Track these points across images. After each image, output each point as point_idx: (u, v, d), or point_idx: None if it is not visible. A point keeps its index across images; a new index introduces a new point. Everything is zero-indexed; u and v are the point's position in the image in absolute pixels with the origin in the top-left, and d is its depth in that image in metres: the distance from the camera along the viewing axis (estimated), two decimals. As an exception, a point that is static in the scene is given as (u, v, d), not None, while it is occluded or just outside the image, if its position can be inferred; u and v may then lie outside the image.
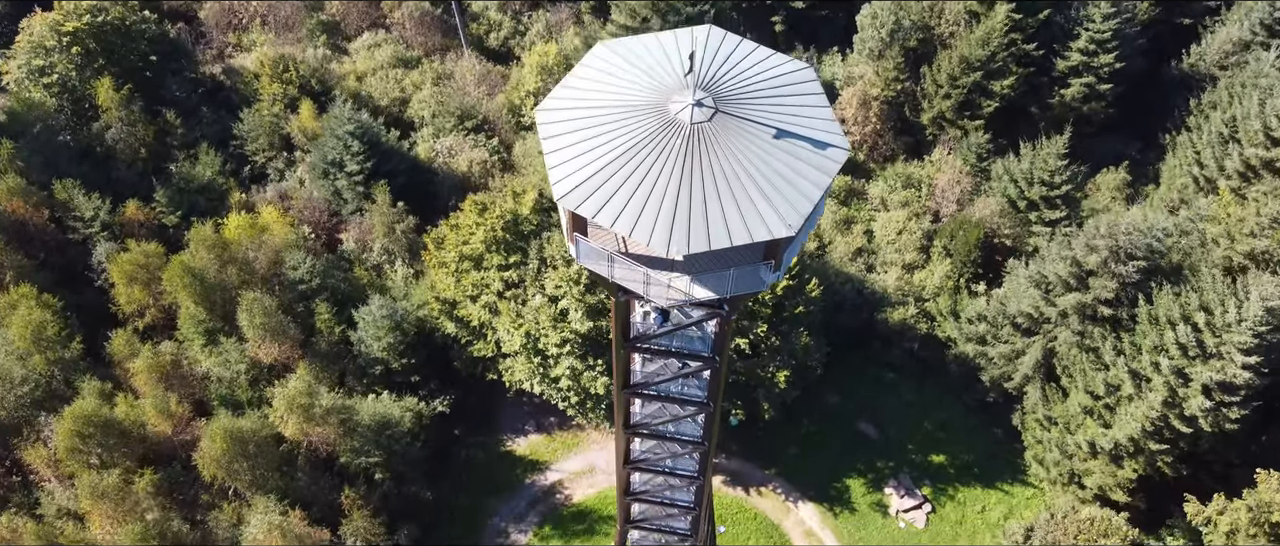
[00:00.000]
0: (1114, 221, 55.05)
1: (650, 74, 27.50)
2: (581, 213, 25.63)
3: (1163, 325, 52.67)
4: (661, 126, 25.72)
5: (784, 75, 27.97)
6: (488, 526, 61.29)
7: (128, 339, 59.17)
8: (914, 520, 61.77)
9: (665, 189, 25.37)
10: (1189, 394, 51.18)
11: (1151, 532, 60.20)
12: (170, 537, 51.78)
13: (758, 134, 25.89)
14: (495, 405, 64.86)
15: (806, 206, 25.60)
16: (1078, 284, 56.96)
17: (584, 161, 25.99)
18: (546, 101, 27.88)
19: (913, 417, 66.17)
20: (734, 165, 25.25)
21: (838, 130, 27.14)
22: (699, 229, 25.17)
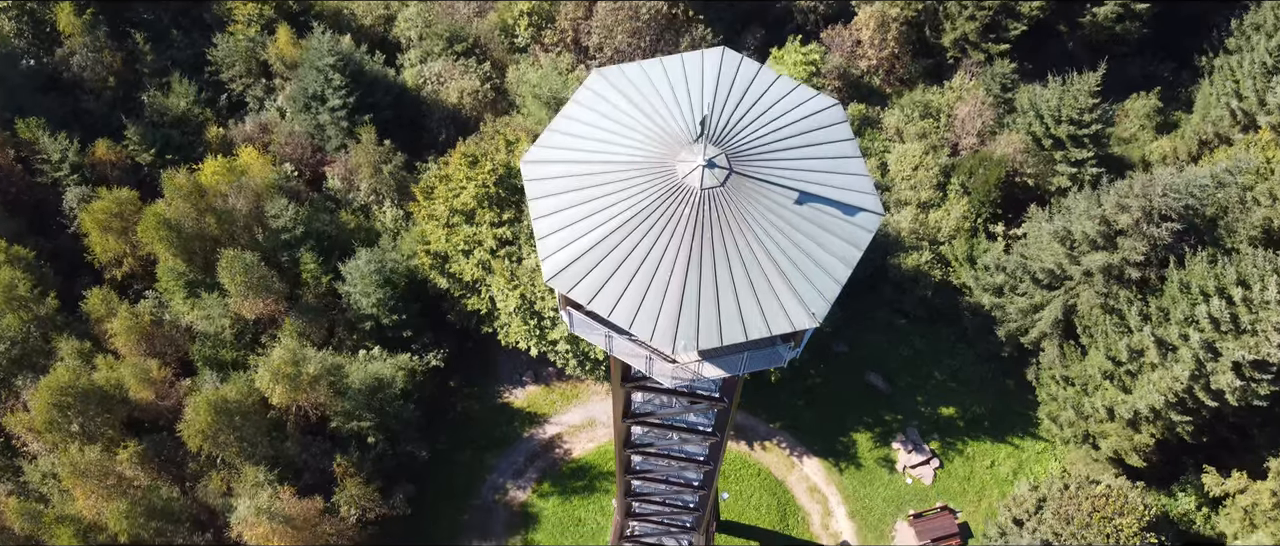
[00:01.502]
0: (1149, 180, 51.31)
1: (653, 119, 23.69)
2: (574, 297, 22.38)
3: (1195, 296, 49.73)
4: (667, 192, 22.14)
5: (807, 118, 24.13)
6: (486, 482, 60.02)
7: (104, 297, 56.39)
8: (921, 476, 60.41)
9: (671, 272, 22.02)
10: (1218, 369, 48.66)
11: (1163, 489, 59.07)
12: (159, 507, 50.33)
13: (778, 199, 22.34)
14: (491, 355, 62.65)
15: (834, 290, 22.31)
16: (1105, 243, 53.69)
17: (576, 232, 22.53)
18: (533, 151, 24.20)
19: (923, 368, 64.02)
20: (751, 240, 21.84)
21: (869, 184, 23.60)
22: (710, 323, 21.97)
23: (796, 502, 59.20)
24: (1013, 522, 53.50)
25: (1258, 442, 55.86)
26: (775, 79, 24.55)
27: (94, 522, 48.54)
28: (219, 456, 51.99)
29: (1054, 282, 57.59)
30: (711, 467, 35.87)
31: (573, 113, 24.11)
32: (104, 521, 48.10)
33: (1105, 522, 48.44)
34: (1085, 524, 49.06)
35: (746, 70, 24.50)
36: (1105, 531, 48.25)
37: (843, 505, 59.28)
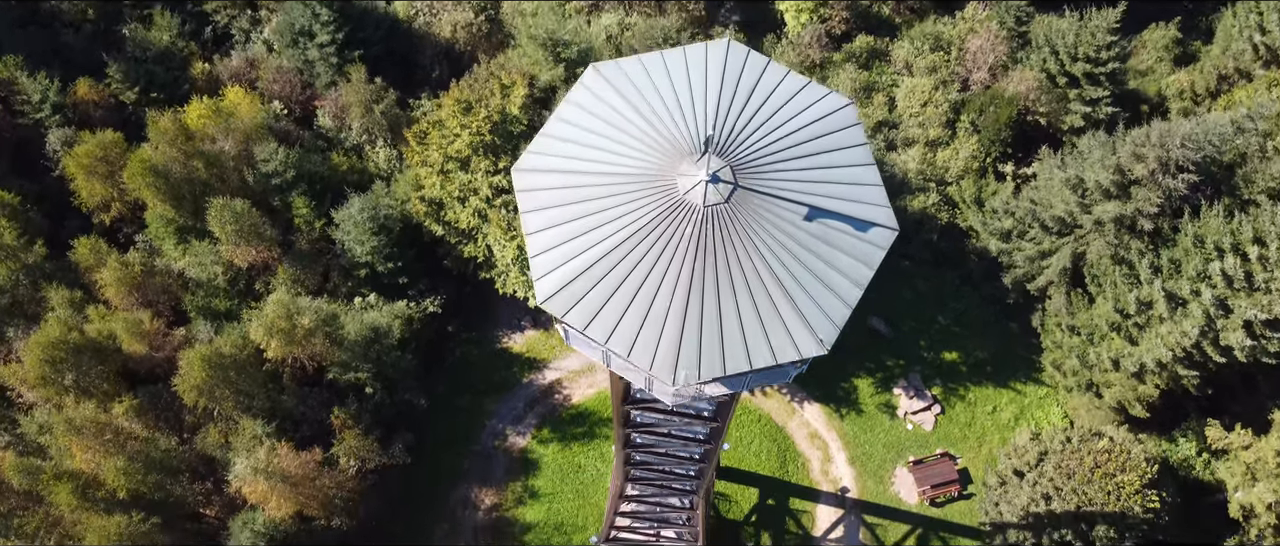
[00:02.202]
0: (1167, 129, 49.48)
1: (653, 124, 22.12)
2: (568, 322, 21.27)
3: (1209, 251, 48.52)
4: (668, 208, 20.76)
5: (818, 121, 22.55)
6: (485, 428, 59.85)
7: (93, 246, 55.11)
8: (922, 422, 60.20)
9: (671, 297, 20.81)
10: (1228, 326, 47.78)
11: (1164, 434, 58.94)
12: (157, 460, 50.13)
13: (785, 215, 20.96)
14: (489, 300, 61.71)
15: (844, 315, 21.13)
16: (1118, 192, 52.18)
17: (571, 251, 21.23)
18: (525, 158, 22.70)
19: (927, 312, 63.20)
20: (756, 261, 20.57)
21: (883, 196, 22.20)
22: (712, 352, 20.84)
23: (796, 448, 59.14)
24: (1014, 473, 53.43)
25: (1263, 391, 55.48)
26: (784, 75, 22.89)
27: (93, 478, 48.33)
28: (216, 409, 51.53)
29: (1063, 230, 56.27)
30: (712, 446, 35.26)
31: (568, 115, 22.55)
32: (103, 477, 47.86)
33: (1107, 479, 48.26)
34: (1087, 479, 48.91)
35: (753, 66, 22.82)
36: (1106, 489, 48.10)
37: (843, 451, 59.21)
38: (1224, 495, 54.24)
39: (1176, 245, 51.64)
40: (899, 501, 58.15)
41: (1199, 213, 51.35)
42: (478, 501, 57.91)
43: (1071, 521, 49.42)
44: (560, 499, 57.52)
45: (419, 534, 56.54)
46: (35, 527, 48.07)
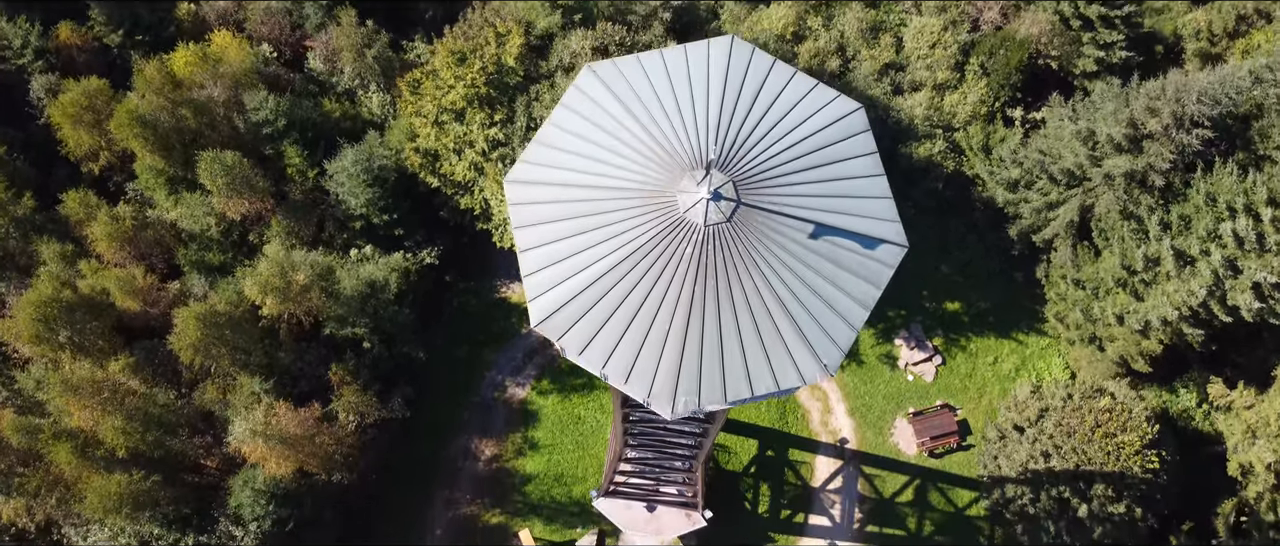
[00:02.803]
0: (1183, 83, 47.96)
1: (651, 132, 21.01)
2: (563, 346, 20.54)
3: (1221, 210, 47.52)
4: (667, 227, 19.84)
5: (826, 129, 21.43)
6: (484, 379, 59.69)
7: (82, 199, 54.02)
8: (923, 373, 60.00)
9: (670, 322, 20.02)
10: (1237, 287, 47.10)
11: (1165, 385, 58.82)
12: (156, 416, 50.00)
13: (790, 234, 20.06)
14: (487, 250, 60.82)
15: (849, 338, 20.40)
16: (1130, 146, 50.88)
17: (565, 272, 20.37)
18: (517, 168, 21.66)
19: (930, 261, 62.40)
20: (759, 283, 19.73)
21: (892, 210, 21.24)
22: (712, 379, 20.16)
23: (796, 399, 59.04)
24: (1013, 428, 53.39)
25: (1267, 345, 55.04)
26: (790, 77, 21.70)
27: (92, 436, 48.23)
28: (213, 366, 51.18)
29: (1072, 182, 55.12)
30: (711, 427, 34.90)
31: (562, 121, 21.44)
32: (101, 435, 47.74)
33: (1107, 440, 48.18)
34: (1087, 439, 48.84)
35: (757, 67, 21.60)
36: (1106, 449, 48.04)
37: (843, 402, 59.15)
38: (1223, 447, 54.41)
39: (1187, 200, 50.62)
40: (898, 452, 58.31)
41: (1212, 167, 50.20)
42: (478, 452, 58.10)
43: (1070, 479, 49.53)
44: (560, 450, 57.67)
45: (419, 485, 56.85)
46: (36, 486, 48.16)
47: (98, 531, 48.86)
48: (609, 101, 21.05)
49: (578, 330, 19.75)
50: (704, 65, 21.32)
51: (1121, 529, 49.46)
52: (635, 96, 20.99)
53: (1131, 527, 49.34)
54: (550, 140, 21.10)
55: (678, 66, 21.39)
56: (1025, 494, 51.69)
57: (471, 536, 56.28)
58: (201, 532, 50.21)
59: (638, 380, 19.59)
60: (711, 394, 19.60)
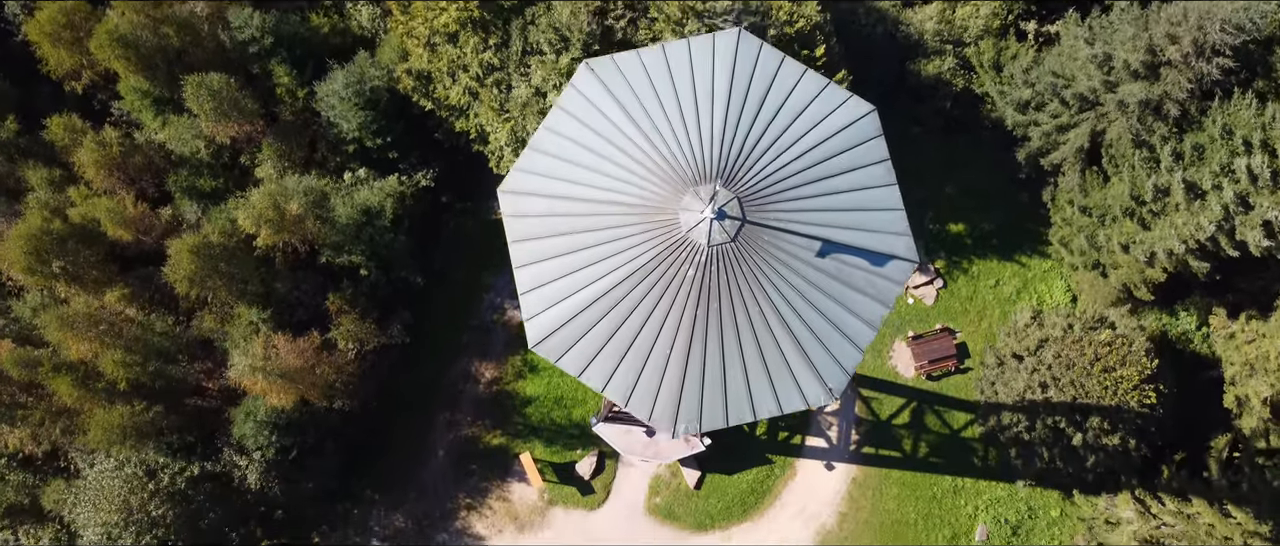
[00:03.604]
0: (1206, 10, 45.91)
1: (652, 140, 19.91)
2: (563, 367, 20.00)
3: (1236, 144, 46.22)
4: (668, 247, 19.04)
5: (836, 135, 20.35)
6: (484, 302, 59.50)
7: (67, 124, 52.53)
8: (923, 296, 59.72)
9: (671, 346, 19.41)
10: (1247, 223, 46.26)
11: (1165, 308, 58.67)
12: (155, 345, 50.00)
13: (797, 251, 19.28)
14: (483, 170, 59.33)
15: (855, 359, 19.89)
16: (1147, 73, 49.15)
17: (562, 290, 19.69)
18: (512, 177, 20.70)
19: (935, 181, 61.30)
20: (764, 306, 19.06)
21: (903, 222, 20.43)
22: (714, 404, 19.67)
23: (796, 323, 58.84)
24: (1013, 357, 53.45)
25: (1271, 271, 54.54)
26: (800, 76, 20.46)
27: (92, 368, 48.28)
28: (209, 296, 50.82)
29: (1084, 106, 53.54)
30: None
31: (558, 125, 20.33)
32: (102, 367, 47.78)
33: (1106, 374, 48.24)
34: (1085, 372, 48.92)
35: (765, 65, 20.33)
36: (1105, 383, 48.16)
37: (842, 326, 58.97)
38: (1219, 372, 54.66)
39: (1202, 130, 49.23)
40: (896, 375, 58.61)
41: (1231, 96, 48.61)
42: (477, 375, 58.38)
43: (1066, 411, 49.84)
44: (559, 373, 57.79)
45: (420, 409, 57.36)
46: (40, 417, 48.49)
47: (104, 460, 49.41)
48: (607, 104, 19.92)
49: (576, 352, 19.22)
50: (708, 63, 20.07)
51: (1115, 458, 50.11)
52: (635, 99, 19.84)
53: (1125, 457, 49.97)
54: (546, 146, 20.06)
55: (681, 64, 20.14)
56: (1021, 421, 52.12)
57: (473, 458, 57.13)
58: (206, 460, 50.87)
59: (639, 403, 19.17)
60: (713, 418, 19.22)
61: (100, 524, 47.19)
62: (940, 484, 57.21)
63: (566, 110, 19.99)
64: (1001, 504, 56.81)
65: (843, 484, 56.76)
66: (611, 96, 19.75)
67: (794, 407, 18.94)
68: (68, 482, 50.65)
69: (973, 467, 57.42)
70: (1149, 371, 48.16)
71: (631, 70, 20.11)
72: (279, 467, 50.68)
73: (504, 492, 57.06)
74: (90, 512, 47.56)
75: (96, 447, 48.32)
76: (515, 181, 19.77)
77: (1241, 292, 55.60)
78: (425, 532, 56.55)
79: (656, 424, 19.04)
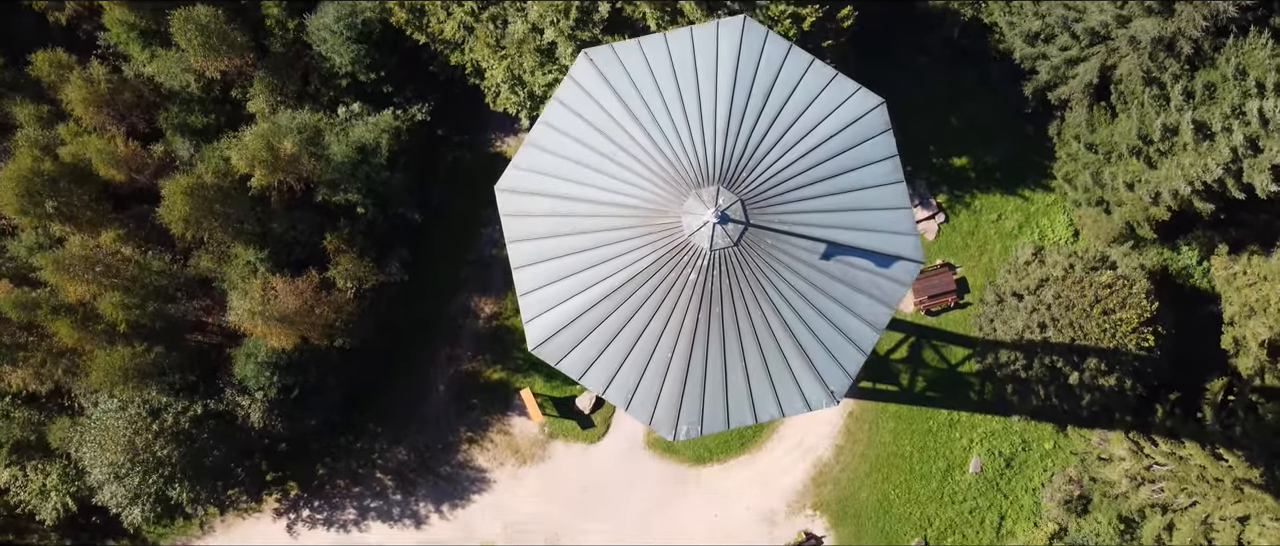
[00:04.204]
0: (1226, -56, 44.40)
1: (654, 138, 19.30)
2: (563, 370, 19.80)
3: (1249, 86, 45.22)
4: (670, 251, 18.65)
5: (843, 131, 19.74)
6: (482, 236, 59.19)
7: (52, 59, 51.24)
8: (925, 231, 59.30)
9: (672, 350, 19.18)
10: (1255, 166, 45.61)
11: (1167, 242, 58.42)
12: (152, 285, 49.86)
13: (801, 254, 18.92)
14: (481, 102, 58.35)
15: (858, 362, 19.69)
16: (1161, 8, 47.75)
17: (562, 293, 19.37)
18: (509, 175, 20.17)
19: (940, 112, 60.22)
20: (766, 309, 18.77)
21: (910, 221, 20.01)
22: (716, 407, 19.54)
23: (796, 258, 58.65)
24: (1012, 295, 53.39)
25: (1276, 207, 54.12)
26: (807, 67, 19.75)
27: (91, 310, 48.23)
28: (206, 236, 50.43)
29: (1095, 40, 52.20)
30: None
31: (557, 120, 19.71)
32: (100, 309, 47.72)
33: (1105, 317, 48.24)
34: (1085, 314, 48.91)
35: (771, 56, 19.58)
36: (1104, 326, 48.21)
37: (842, 261, 58.80)
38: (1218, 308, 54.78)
39: (1215, 67, 48.13)
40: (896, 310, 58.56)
41: (1247, 33, 47.35)
42: (477, 310, 58.45)
43: (1064, 351, 50.05)
44: (559, 308, 57.85)
45: (421, 344, 57.60)
46: (41, 358, 48.64)
47: (107, 400, 49.79)
48: (608, 98, 19.27)
49: (577, 354, 19.04)
50: (712, 54, 19.33)
51: (1110, 397, 50.53)
52: (636, 93, 19.19)
53: (1121, 397, 50.37)
54: (544, 143, 19.49)
55: (683, 55, 19.40)
56: (1018, 359, 52.38)
57: (474, 392, 57.64)
58: (209, 398, 51.27)
59: (640, 406, 19.08)
60: (714, 421, 19.15)
61: (107, 463, 47.81)
62: (936, 417, 57.87)
63: (565, 104, 19.35)
64: (996, 436, 57.56)
65: (840, 418, 57.37)
66: (611, 90, 19.10)
67: (796, 411, 18.85)
68: (73, 420, 51.21)
69: (969, 401, 58.00)
70: (1148, 314, 48.15)
71: (632, 61, 19.40)
72: (281, 406, 51.15)
73: (505, 426, 57.74)
74: (96, 452, 48.13)
75: (99, 388, 48.59)
76: (513, 179, 19.26)
77: (1245, 227, 55.33)
78: (427, 464, 57.46)
79: (657, 427, 18.98)
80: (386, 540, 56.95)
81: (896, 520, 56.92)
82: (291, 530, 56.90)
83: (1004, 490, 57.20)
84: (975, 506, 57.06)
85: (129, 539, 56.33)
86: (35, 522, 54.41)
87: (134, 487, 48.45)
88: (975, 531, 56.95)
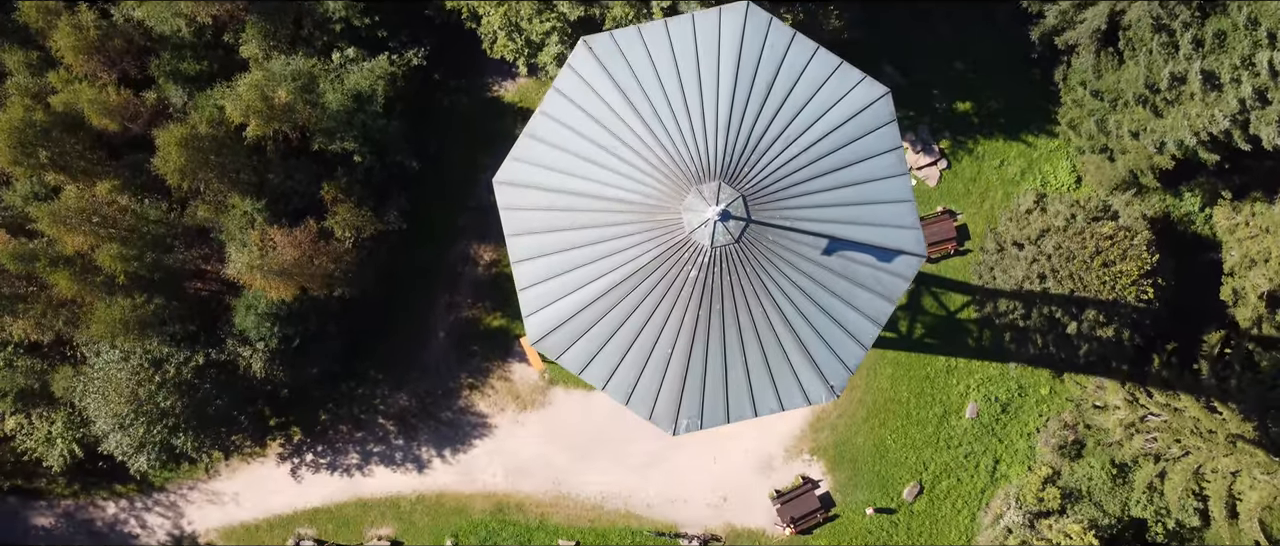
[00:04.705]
0: (1243, -112, 43.15)
1: (653, 130, 18.94)
2: (563, 364, 19.75)
3: (1260, 36, 44.39)
4: (671, 248, 18.46)
5: (848, 123, 19.36)
6: (480, 183, 58.61)
7: (39, 5, 50.08)
8: (927, 178, 58.86)
9: (672, 345, 19.11)
10: (1263, 118, 45.08)
11: (1170, 188, 58.09)
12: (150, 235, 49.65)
13: (802, 249, 18.73)
14: (477, 45, 57.36)
15: (858, 356, 19.67)
16: (1174, -46, 46.69)
17: (562, 288, 19.24)
18: (507, 167, 19.84)
19: (944, 56, 59.28)
20: (767, 305, 18.66)
21: (912, 214, 19.74)
22: (715, 402, 19.55)
23: (796, 204, 58.33)
24: (1013, 244, 53.27)
25: None
26: (812, 55, 19.29)
27: (90, 261, 48.09)
28: (202, 187, 50.03)
29: (1104, -16, 51.13)
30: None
31: (556, 110, 19.32)
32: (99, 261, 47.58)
33: (1105, 269, 48.20)
34: (1085, 265, 48.88)
35: (774, 43, 19.13)
36: (1104, 278, 48.20)
37: (843, 208, 58.48)
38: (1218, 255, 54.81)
39: (1227, 15, 47.19)
40: (895, 257, 58.49)
41: (1258, -18, 46.36)
42: (476, 257, 58.36)
43: (1063, 302, 50.15)
44: (559, 256, 57.75)
45: (421, 291, 57.66)
46: (41, 310, 48.68)
47: (109, 350, 49.98)
48: (607, 88, 18.87)
49: (577, 349, 19.01)
50: (714, 42, 18.85)
51: (1108, 347, 50.81)
52: (636, 84, 18.77)
53: (1118, 347, 50.65)
54: (542, 133, 19.14)
55: (685, 43, 18.92)
56: (1017, 309, 52.53)
57: (474, 340, 57.87)
58: (210, 347, 51.46)
59: (639, 401, 19.12)
60: (714, 416, 19.21)
61: (111, 414, 48.22)
62: (934, 364, 58.25)
63: (564, 93, 18.96)
64: (993, 382, 58.03)
65: (838, 364, 57.64)
66: (611, 80, 18.69)
67: (795, 405, 18.92)
68: (76, 369, 51.48)
69: (966, 348, 58.32)
70: (1148, 266, 48.12)
71: (632, 50, 18.94)
72: (283, 356, 51.32)
73: (505, 372, 58.13)
74: (100, 403, 48.50)
75: (100, 339, 48.74)
76: (511, 171, 18.98)
77: (1249, 173, 55.03)
78: (429, 410, 58.01)
79: (657, 422, 19.04)
80: (389, 484, 57.81)
81: (892, 464, 57.72)
82: (295, 474, 57.73)
83: (999, 435, 57.88)
84: (970, 451, 57.80)
85: (135, 484, 57.16)
86: (42, 468, 55.19)
87: (139, 437, 48.92)
88: (970, 475, 57.81)
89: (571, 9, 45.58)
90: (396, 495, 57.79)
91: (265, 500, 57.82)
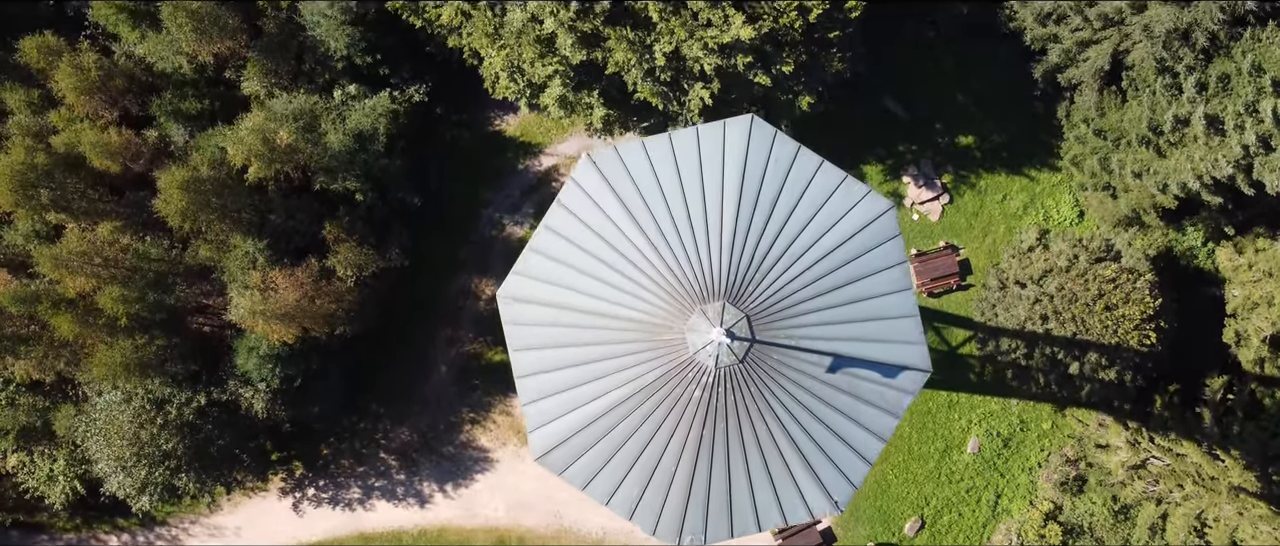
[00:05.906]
0: (1248, -64, 43.01)
1: (658, 248, 18.88)
2: (567, 481, 19.70)
3: (1264, 84, 44.25)
4: (675, 368, 18.41)
5: (853, 239, 19.29)
6: (481, 217, 58.66)
7: (40, 44, 50.00)
8: (929, 212, 58.82)
9: (676, 463, 19.05)
10: (1267, 164, 44.96)
11: (1173, 224, 57.98)
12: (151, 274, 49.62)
13: (806, 368, 18.66)
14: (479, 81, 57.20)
15: (862, 472, 19.60)
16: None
17: (566, 404, 19.20)
18: (511, 282, 19.77)
19: (947, 90, 59.10)
20: (771, 424, 18.60)
21: (917, 330, 19.68)
22: (719, 518, 19.50)
23: (799, 239, 58.26)
24: (1016, 283, 53.17)
25: None
26: (816, 169, 19.24)
27: (91, 304, 48.08)
28: (204, 227, 50.00)
29: (1108, 24, 50.93)
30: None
31: (560, 225, 19.27)
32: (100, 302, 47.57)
33: (1108, 313, 48.13)
34: (1088, 308, 48.79)
35: (779, 159, 19.07)
36: (1106, 322, 48.12)
37: (845, 242, 58.41)
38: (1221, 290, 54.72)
39: (1230, 58, 47.06)
40: (897, 292, 58.42)
41: (1266, 24, 46.17)
42: (477, 292, 58.32)
43: (1065, 344, 50.05)
44: (560, 290, 57.73)
45: (421, 327, 57.63)
46: (42, 352, 48.67)
47: (111, 391, 49.98)
48: (611, 204, 18.82)
49: (580, 466, 18.96)
50: (718, 157, 18.80)
51: (1110, 389, 50.73)
52: (640, 199, 18.73)
53: (1120, 389, 50.57)
54: (547, 249, 19.11)
55: (689, 157, 18.87)
56: (1020, 347, 52.45)
57: (475, 374, 57.88)
58: (212, 386, 51.46)
59: (643, 516, 19.08)
60: (718, 531, 19.17)
61: (113, 457, 48.25)
62: (936, 399, 58.20)
63: (567, 208, 18.92)
64: (995, 418, 58.02)
65: (840, 400, 57.61)
66: (614, 193, 18.65)
67: (799, 519, 18.88)
68: (78, 408, 51.50)
69: (968, 383, 58.28)
70: (1151, 310, 48.02)
71: (635, 163, 18.90)
72: (284, 395, 51.33)
73: (506, 406, 58.12)
74: (102, 445, 48.53)
75: (102, 381, 48.75)
76: (515, 286, 18.93)
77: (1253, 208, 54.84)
78: (430, 444, 58.04)
79: (661, 537, 19.00)
80: (391, 518, 57.85)
81: (894, 499, 57.71)
82: (297, 508, 57.78)
83: (1001, 469, 57.88)
84: (972, 486, 57.80)
85: (137, 519, 57.23)
86: (44, 504, 55.23)
87: (141, 478, 48.97)
88: (972, 510, 57.81)
89: (574, 53, 45.40)
90: (398, 529, 57.82)
91: (267, 534, 57.85)
